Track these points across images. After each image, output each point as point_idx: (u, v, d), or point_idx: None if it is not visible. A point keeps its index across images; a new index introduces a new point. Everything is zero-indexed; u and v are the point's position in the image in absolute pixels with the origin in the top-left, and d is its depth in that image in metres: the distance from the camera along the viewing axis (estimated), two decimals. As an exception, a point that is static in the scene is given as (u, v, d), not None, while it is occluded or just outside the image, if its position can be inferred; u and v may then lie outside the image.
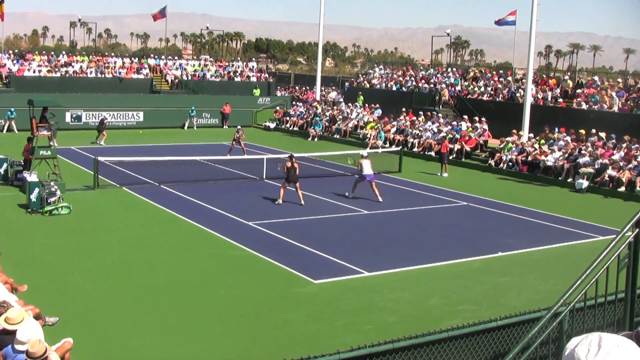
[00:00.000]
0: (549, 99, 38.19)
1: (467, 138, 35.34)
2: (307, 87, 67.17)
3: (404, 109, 41.97)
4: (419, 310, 13.52)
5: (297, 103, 53.99)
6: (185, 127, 46.18)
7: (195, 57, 78.63)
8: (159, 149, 35.01)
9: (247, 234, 18.98)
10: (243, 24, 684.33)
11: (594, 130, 31.46)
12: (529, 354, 5.52)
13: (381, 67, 57.52)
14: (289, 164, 22.73)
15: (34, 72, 51.01)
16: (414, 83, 47.64)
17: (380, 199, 23.83)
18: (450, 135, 35.27)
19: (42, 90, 44.29)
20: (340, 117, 44.27)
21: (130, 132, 42.90)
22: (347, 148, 35.60)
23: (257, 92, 55.15)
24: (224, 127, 47.44)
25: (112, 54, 66.66)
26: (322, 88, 57.25)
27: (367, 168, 23.83)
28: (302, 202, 22.78)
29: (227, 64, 63.29)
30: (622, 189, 27.00)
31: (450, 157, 33.13)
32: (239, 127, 34.64)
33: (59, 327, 11.54)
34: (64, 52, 61.87)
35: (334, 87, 64.08)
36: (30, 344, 8.22)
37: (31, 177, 21.47)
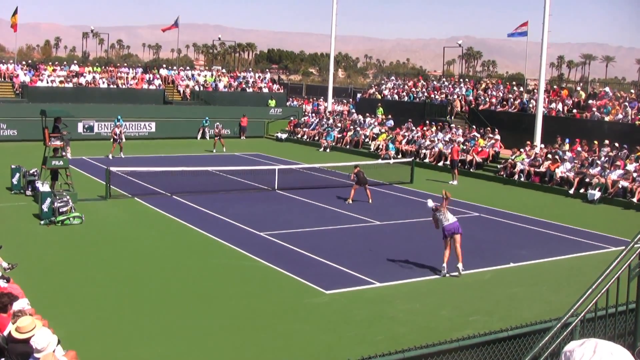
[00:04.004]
0: (562, 109, 38.10)
1: (479, 149, 35.27)
2: (318, 98, 67.27)
3: (410, 120, 42.08)
4: (430, 321, 13.48)
5: (310, 114, 54.14)
6: (199, 137, 46.32)
7: (207, 68, 78.98)
8: (171, 159, 35.14)
9: (258, 244, 18.99)
10: (255, 34, 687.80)
11: (606, 141, 31.36)
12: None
13: (392, 78, 57.60)
14: (356, 170, 25.70)
15: (47, 82, 51.31)
16: (425, 94, 47.66)
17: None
18: (463, 147, 35.17)
19: (54, 101, 44.53)
20: (352, 127, 44.32)
21: (142, 142, 43.05)
22: (358, 159, 35.60)
23: (272, 102, 55.32)
24: (242, 137, 48.07)
25: (125, 65, 67.02)
26: (333, 99, 57.40)
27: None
28: (370, 200, 25.59)
29: (239, 74, 63.49)
30: (635, 199, 26.87)
31: (462, 168, 33.08)
32: (217, 124, 42.11)
33: (69, 336, 11.55)
34: (75, 62, 62.24)
35: (344, 101, 64.18)
36: (42, 358, 8.22)
37: (43, 187, 21.57)
